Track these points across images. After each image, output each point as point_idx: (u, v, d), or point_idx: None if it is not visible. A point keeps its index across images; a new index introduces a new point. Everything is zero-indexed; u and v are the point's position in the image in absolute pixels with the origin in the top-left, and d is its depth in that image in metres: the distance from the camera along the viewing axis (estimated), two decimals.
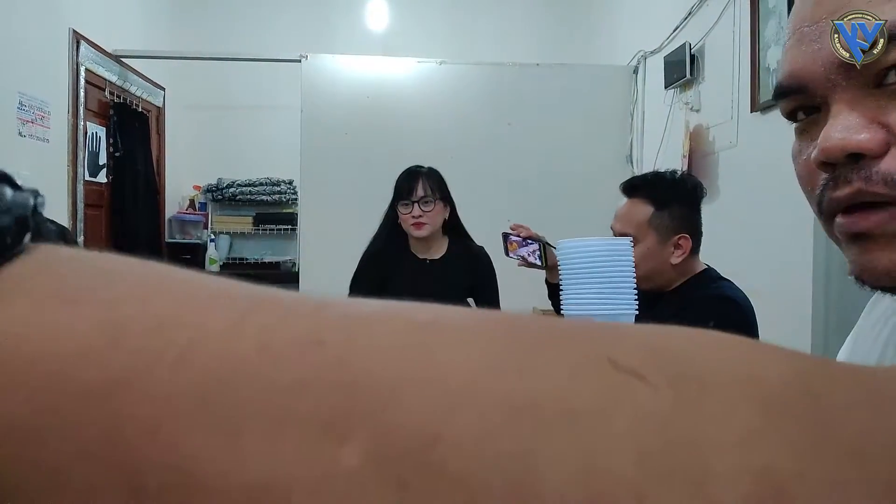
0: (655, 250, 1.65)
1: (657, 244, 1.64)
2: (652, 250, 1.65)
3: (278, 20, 5.35)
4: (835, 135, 0.41)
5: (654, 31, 3.76)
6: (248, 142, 5.38)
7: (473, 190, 3.68)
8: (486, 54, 4.75)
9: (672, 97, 3.55)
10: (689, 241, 1.63)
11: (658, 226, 1.64)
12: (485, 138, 4.04)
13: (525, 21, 5.42)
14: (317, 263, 3.89)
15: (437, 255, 2.32)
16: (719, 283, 1.62)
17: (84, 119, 3.76)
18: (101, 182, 4.07)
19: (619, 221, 1.69)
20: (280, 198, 5.24)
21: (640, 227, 1.65)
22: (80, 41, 3.69)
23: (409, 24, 5.43)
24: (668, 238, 1.63)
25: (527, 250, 1.94)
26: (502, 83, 4.09)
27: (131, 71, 4.38)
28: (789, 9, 2.33)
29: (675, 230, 1.63)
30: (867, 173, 0.41)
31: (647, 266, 1.68)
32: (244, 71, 5.11)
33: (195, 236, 5.18)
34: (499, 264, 2.38)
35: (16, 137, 3.11)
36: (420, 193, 2.20)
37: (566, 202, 3.84)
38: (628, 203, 1.69)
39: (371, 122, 3.96)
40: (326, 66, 4.02)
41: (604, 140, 4.12)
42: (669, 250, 1.64)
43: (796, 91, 0.45)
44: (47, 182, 3.40)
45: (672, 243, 1.63)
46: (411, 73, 4.08)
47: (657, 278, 1.68)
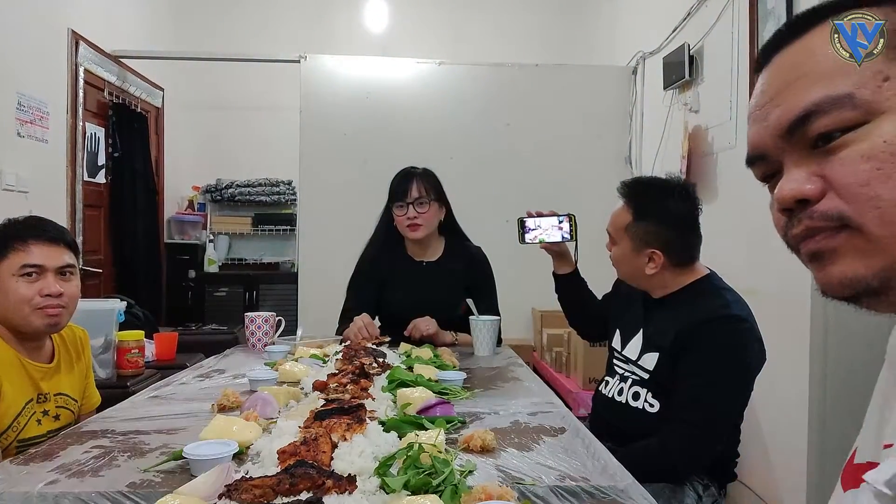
0: (630, 256, 1.67)
1: (631, 251, 1.66)
2: (626, 255, 1.68)
3: (277, 21, 5.35)
4: (786, 187, 0.55)
5: (653, 32, 3.76)
6: (246, 142, 5.38)
7: (472, 190, 3.69)
8: (485, 55, 4.76)
9: (671, 98, 3.55)
10: (661, 258, 1.63)
11: (633, 235, 1.66)
12: (484, 139, 4.04)
13: (524, 22, 5.43)
14: (315, 264, 3.89)
15: (434, 258, 2.31)
16: (722, 294, 1.60)
17: (83, 119, 3.76)
18: (99, 182, 4.06)
19: (610, 219, 1.72)
20: (279, 198, 5.24)
21: (619, 231, 1.68)
22: (79, 41, 3.69)
23: (408, 25, 5.43)
24: (640, 249, 1.65)
25: (548, 223, 1.97)
26: (501, 84, 4.10)
27: (130, 71, 4.37)
28: (788, 10, 2.32)
29: (648, 244, 1.64)
30: (811, 213, 0.54)
31: (624, 268, 1.71)
32: (243, 71, 5.11)
33: (194, 237, 5.17)
34: (497, 264, 2.38)
35: (15, 138, 3.10)
36: (415, 195, 2.20)
37: (565, 202, 3.81)
38: (620, 204, 1.71)
39: (370, 122, 3.97)
40: (325, 67, 4.02)
41: (603, 140, 4.12)
42: (643, 260, 1.65)
43: (760, 158, 0.60)
44: (46, 182, 3.40)
45: (645, 255, 1.65)
46: (410, 73, 4.08)
47: (641, 281, 1.70)
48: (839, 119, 0.52)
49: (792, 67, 0.56)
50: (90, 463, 1.02)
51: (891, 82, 0.52)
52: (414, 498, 0.81)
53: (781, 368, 2.27)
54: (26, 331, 1.55)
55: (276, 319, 2.21)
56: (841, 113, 0.52)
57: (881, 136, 0.51)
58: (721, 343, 1.51)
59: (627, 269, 1.70)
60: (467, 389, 1.51)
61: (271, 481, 0.81)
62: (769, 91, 0.58)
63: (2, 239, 1.54)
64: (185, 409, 1.37)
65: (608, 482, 0.94)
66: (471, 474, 0.95)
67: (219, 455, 0.96)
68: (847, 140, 0.52)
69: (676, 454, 1.50)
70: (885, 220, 0.51)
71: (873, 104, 0.51)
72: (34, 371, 1.56)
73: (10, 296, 1.51)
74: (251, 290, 5.00)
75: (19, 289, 1.51)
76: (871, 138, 0.51)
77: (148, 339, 2.63)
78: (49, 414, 1.58)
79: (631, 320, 1.75)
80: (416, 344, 2.07)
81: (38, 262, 1.53)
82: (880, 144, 0.51)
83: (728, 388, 1.52)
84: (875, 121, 0.52)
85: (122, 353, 2.36)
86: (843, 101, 0.52)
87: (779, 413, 2.45)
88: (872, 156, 0.51)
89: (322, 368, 1.68)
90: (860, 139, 0.52)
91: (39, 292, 1.52)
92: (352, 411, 1.07)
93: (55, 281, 1.55)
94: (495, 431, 1.12)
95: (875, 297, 0.53)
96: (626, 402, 1.66)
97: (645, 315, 1.71)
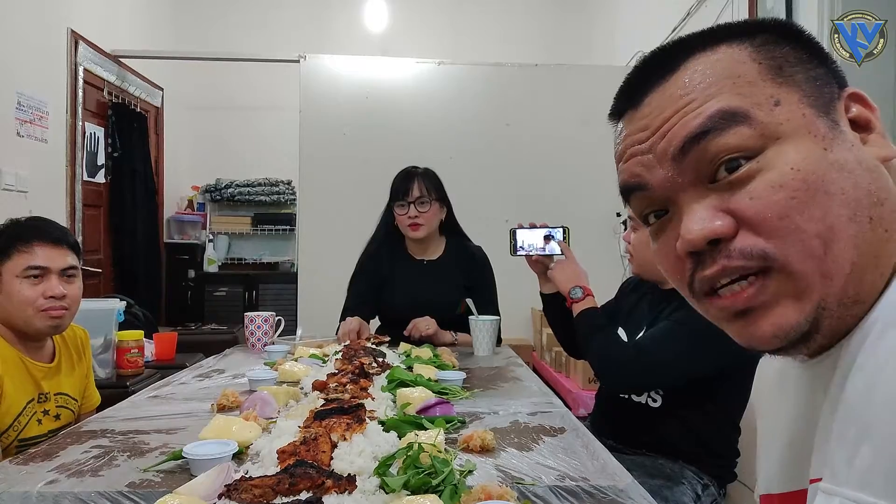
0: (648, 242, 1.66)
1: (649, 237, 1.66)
2: (645, 241, 1.66)
3: (277, 21, 5.34)
4: (694, 227, 0.51)
5: (653, 32, 3.76)
6: (246, 142, 5.38)
7: (472, 190, 3.68)
8: (485, 55, 4.75)
9: None
10: None
11: None
12: (483, 138, 4.03)
13: (524, 22, 5.43)
14: (315, 264, 3.88)
15: (434, 257, 2.31)
16: None
17: (82, 119, 3.76)
18: (99, 182, 4.06)
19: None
20: (278, 198, 5.24)
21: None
22: (79, 41, 3.69)
23: (407, 25, 5.43)
24: None
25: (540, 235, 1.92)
26: (501, 84, 4.09)
27: (130, 71, 4.37)
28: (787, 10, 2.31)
29: None
30: (727, 252, 0.51)
31: (642, 257, 1.69)
32: (243, 71, 5.11)
33: (193, 237, 5.17)
34: (497, 264, 2.38)
35: (14, 138, 3.10)
36: (416, 194, 2.20)
37: (564, 202, 3.83)
38: None
39: (370, 122, 3.96)
40: (325, 67, 4.01)
41: (602, 140, 4.09)
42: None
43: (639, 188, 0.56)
44: (46, 182, 3.40)
45: None
46: (410, 73, 4.07)
47: (655, 270, 1.69)
48: (737, 138, 0.50)
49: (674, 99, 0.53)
50: (90, 463, 1.02)
51: (782, 107, 0.50)
52: (414, 498, 0.81)
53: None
54: (29, 332, 1.55)
55: (275, 319, 2.21)
56: (738, 130, 0.50)
57: (787, 164, 0.49)
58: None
59: (646, 256, 1.67)
60: (467, 389, 1.51)
61: (271, 481, 0.81)
62: (652, 125, 0.54)
63: (5, 240, 1.54)
64: (184, 408, 1.37)
65: (608, 482, 0.94)
66: (470, 474, 0.95)
67: (218, 455, 0.96)
68: (752, 170, 0.50)
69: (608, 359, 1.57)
70: (809, 254, 0.49)
71: (769, 127, 0.50)
72: (36, 371, 1.56)
73: (14, 297, 1.51)
74: (251, 289, 5.00)
75: (23, 290, 1.51)
76: (779, 166, 0.49)
77: (147, 338, 2.63)
78: (50, 414, 1.58)
79: (636, 318, 1.75)
80: (415, 344, 2.07)
81: (42, 263, 1.54)
82: (789, 172, 0.49)
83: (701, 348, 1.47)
84: (775, 147, 0.50)
85: (121, 353, 2.35)
86: (738, 116, 0.50)
87: None
88: (784, 184, 0.49)
89: (322, 368, 1.69)
90: (767, 168, 0.50)
91: (43, 294, 1.52)
92: (351, 411, 1.07)
93: (59, 283, 1.55)
94: (495, 431, 1.12)
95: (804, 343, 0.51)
96: (630, 397, 1.66)
97: (651, 311, 1.71)
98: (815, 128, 0.50)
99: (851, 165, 0.50)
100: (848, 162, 0.50)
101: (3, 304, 1.52)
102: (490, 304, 2.25)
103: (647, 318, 1.69)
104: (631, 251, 1.72)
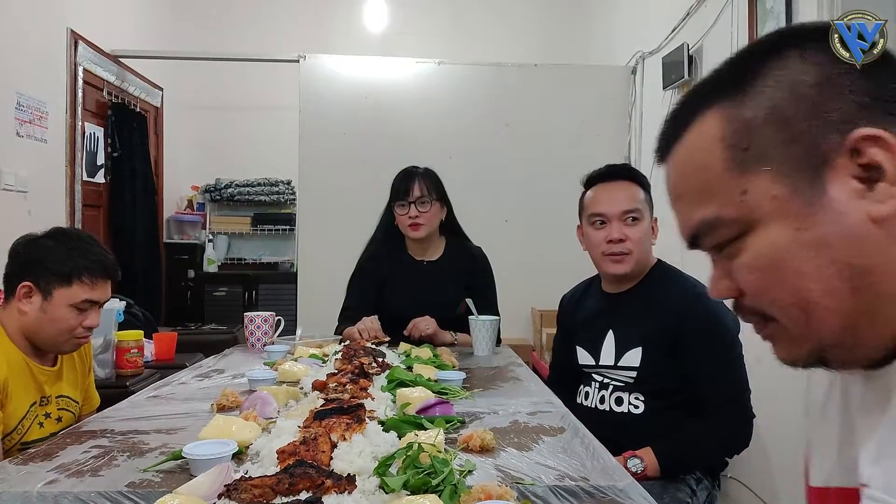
0: (648, 232, 1.70)
1: (648, 225, 1.70)
2: (647, 231, 1.70)
3: (277, 20, 5.34)
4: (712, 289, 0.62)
5: (653, 32, 3.76)
6: (246, 142, 5.37)
7: (472, 190, 3.68)
8: (485, 55, 4.75)
9: (670, 98, 3.55)
10: (657, 226, 1.71)
11: (647, 206, 1.71)
12: (483, 138, 4.04)
13: (523, 22, 5.42)
14: (315, 264, 3.88)
15: (434, 257, 2.31)
16: (682, 274, 1.69)
17: (82, 119, 3.76)
18: (99, 182, 4.06)
19: (625, 201, 1.68)
20: (278, 198, 5.24)
21: (643, 203, 1.70)
22: (79, 41, 3.68)
23: (407, 25, 5.43)
24: (650, 219, 1.70)
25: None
26: (501, 83, 4.09)
27: (129, 71, 4.37)
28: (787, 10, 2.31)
29: (651, 211, 1.71)
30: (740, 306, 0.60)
31: (642, 248, 1.70)
32: (242, 71, 5.10)
33: (193, 237, 5.17)
34: (497, 264, 2.38)
35: (14, 138, 3.10)
36: (416, 194, 2.20)
37: (564, 202, 3.83)
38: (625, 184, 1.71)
39: (369, 122, 3.96)
40: (325, 67, 4.01)
41: (602, 140, 4.11)
42: (650, 234, 1.70)
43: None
44: (45, 182, 3.39)
45: (652, 225, 1.70)
46: (410, 73, 4.07)
47: (643, 263, 1.71)
48: (721, 237, 0.58)
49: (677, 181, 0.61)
50: (89, 463, 1.02)
51: (749, 194, 0.55)
52: (413, 498, 0.81)
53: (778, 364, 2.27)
54: (47, 348, 1.56)
55: (275, 319, 2.21)
56: (719, 232, 0.57)
57: (758, 249, 0.55)
58: (724, 320, 1.55)
59: (645, 247, 1.70)
60: (466, 389, 1.51)
61: (271, 481, 0.81)
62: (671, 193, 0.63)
63: (70, 266, 1.52)
64: (184, 408, 1.37)
65: (607, 482, 0.94)
66: (470, 474, 0.95)
67: (218, 455, 0.96)
68: (732, 252, 0.58)
69: (731, 438, 1.56)
70: (792, 319, 0.55)
71: (742, 219, 0.55)
72: (40, 374, 1.56)
73: (57, 323, 1.51)
74: (250, 289, 5.00)
75: (69, 319, 1.52)
76: (752, 250, 0.56)
77: (147, 338, 2.63)
78: (51, 416, 1.58)
79: (592, 330, 1.75)
80: (415, 344, 2.07)
81: (97, 298, 1.56)
82: (759, 258, 0.55)
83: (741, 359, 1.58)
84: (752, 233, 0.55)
85: (121, 353, 2.35)
86: (713, 223, 0.57)
87: (776, 409, 2.45)
88: (756, 267, 0.56)
89: (321, 368, 1.69)
90: (745, 250, 0.56)
91: (82, 323, 1.54)
92: (351, 411, 1.07)
93: (97, 314, 1.57)
94: (494, 431, 1.12)
95: (825, 365, 0.57)
96: (610, 408, 1.66)
97: (608, 317, 1.72)
98: (787, 209, 0.53)
99: (832, 240, 0.52)
100: (827, 237, 0.52)
101: (40, 321, 1.51)
102: (490, 305, 2.25)
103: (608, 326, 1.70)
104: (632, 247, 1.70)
